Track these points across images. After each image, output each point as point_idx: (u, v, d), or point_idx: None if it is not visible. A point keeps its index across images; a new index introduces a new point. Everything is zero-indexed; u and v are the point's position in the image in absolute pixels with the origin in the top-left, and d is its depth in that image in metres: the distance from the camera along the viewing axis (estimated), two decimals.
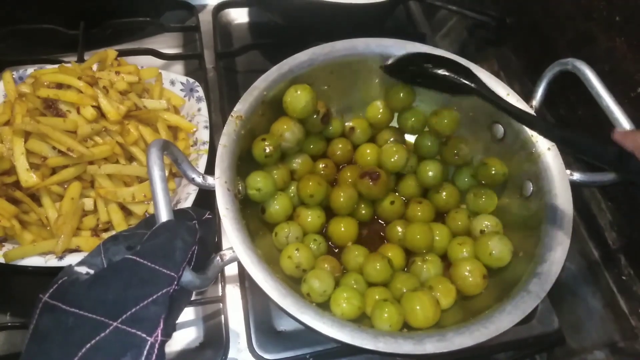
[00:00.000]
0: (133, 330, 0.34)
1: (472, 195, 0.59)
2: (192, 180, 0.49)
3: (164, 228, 0.39)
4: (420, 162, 0.60)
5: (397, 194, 0.61)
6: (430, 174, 0.59)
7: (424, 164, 0.59)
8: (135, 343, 0.34)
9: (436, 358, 0.55)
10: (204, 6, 0.87)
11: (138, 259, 0.36)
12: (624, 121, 0.51)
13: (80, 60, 0.73)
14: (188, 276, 0.39)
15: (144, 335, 0.34)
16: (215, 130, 0.67)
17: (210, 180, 0.49)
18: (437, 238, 0.55)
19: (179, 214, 0.42)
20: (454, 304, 0.51)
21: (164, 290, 0.36)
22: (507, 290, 0.47)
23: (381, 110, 0.63)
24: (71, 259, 0.53)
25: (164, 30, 0.83)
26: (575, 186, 0.52)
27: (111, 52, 0.67)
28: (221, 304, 0.58)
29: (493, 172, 0.57)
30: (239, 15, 0.90)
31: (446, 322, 0.48)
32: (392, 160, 0.58)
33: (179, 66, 0.82)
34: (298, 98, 0.55)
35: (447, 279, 0.52)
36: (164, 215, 0.40)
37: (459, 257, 0.54)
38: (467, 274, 0.51)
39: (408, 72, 0.59)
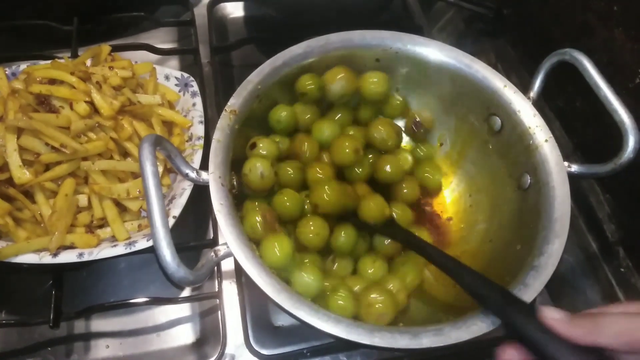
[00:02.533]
0: None
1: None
2: (185, 176, 0.48)
3: None
4: None
5: None
6: None
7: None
8: None
9: (433, 353, 0.55)
10: (199, 0, 0.87)
11: None
12: (622, 112, 0.50)
13: (74, 56, 0.72)
14: (181, 272, 0.39)
15: None
16: (210, 125, 0.67)
17: (204, 175, 0.48)
18: None
19: None
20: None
21: None
22: (504, 284, 0.46)
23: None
24: (65, 256, 0.53)
25: (159, 25, 0.82)
26: (573, 178, 0.51)
27: (105, 47, 0.67)
28: (218, 300, 0.57)
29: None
30: (234, 10, 0.89)
31: (441, 315, 0.48)
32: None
33: (174, 61, 0.81)
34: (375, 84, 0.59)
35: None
36: (156, 212, 0.40)
37: None
38: None
39: None
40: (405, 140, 0.65)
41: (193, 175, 0.48)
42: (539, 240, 0.48)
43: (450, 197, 0.63)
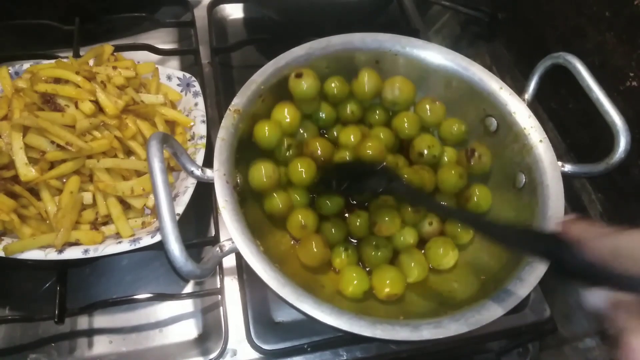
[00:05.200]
0: None
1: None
2: (191, 173, 0.49)
3: None
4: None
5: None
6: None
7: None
8: None
9: (432, 345, 0.57)
10: (199, 2, 0.87)
11: None
12: (614, 113, 0.52)
13: (76, 55, 0.73)
14: (189, 266, 0.40)
15: None
16: (211, 125, 0.68)
17: (209, 172, 0.49)
18: None
19: None
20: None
21: None
22: (500, 278, 0.48)
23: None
24: (71, 253, 0.54)
25: (160, 25, 0.83)
26: (566, 177, 0.53)
27: (107, 47, 0.67)
28: (220, 296, 0.58)
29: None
30: (234, 11, 0.91)
31: (442, 310, 0.49)
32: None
33: (174, 61, 0.82)
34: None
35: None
36: (165, 208, 0.41)
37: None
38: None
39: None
40: None
41: (198, 172, 0.49)
42: None
43: None
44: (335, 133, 0.62)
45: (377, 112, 0.62)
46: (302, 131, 0.61)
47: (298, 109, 0.58)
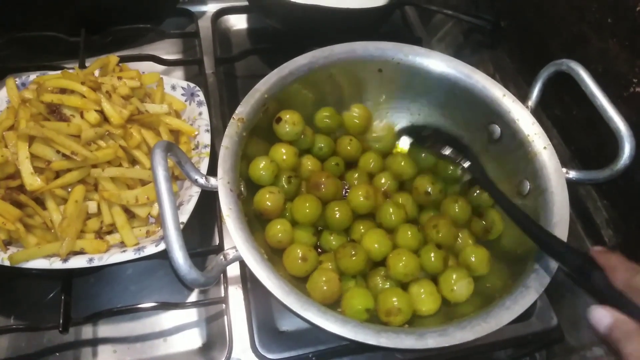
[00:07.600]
0: None
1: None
2: (195, 182, 0.49)
3: None
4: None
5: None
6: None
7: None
8: None
9: (437, 355, 0.56)
10: (203, 13, 0.88)
11: None
12: (617, 120, 0.52)
13: (82, 66, 0.74)
14: (193, 274, 0.40)
15: None
16: (215, 134, 0.68)
17: (213, 181, 0.49)
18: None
19: None
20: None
21: None
22: (506, 286, 0.47)
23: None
24: (76, 261, 0.54)
25: (164, 36, 0.84)
26: (571, 184, 0.53)
27: (113, 57, 0.68)
28: (224, 305, 0.58)
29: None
30: (238, 22, 0.91)
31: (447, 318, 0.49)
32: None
33: (179, 72, 0.83)
34: None
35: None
36: (169, 216, 0.41)
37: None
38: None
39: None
40: None
41: (202, 181, 0.49)
42: None
43: None
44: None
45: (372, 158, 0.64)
46: (308, 164, 0.61)
47: (294, 146, 0.60)
